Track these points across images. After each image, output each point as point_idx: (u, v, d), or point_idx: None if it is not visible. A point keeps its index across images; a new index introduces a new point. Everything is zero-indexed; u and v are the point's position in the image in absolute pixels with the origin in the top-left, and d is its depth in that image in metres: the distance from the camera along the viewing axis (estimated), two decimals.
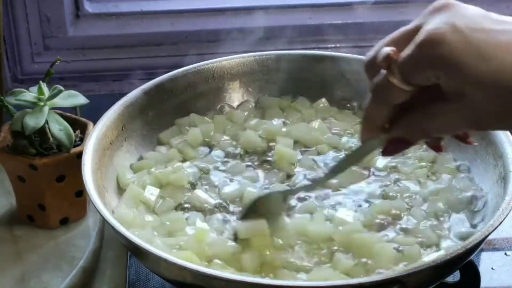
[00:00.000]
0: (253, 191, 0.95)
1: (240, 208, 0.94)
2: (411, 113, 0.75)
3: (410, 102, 0.74)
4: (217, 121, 1.08)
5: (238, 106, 1.12)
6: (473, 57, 0.68)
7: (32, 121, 0.97)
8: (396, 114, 0.76)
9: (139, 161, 1.02)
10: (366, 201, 0.95)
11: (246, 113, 1.11)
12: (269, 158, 1.02)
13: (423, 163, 1.01)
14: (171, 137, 1.06)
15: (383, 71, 0.73)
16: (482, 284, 0.94)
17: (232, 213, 0.94)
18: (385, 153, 0.80)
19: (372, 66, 0.75)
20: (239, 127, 1.08)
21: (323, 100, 1.12)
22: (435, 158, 1.02)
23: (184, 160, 1.02)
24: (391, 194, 0.96)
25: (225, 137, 1.06)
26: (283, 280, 0.84)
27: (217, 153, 1.04)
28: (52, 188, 1.01)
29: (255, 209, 0.91)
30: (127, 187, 0.96)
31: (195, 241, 0.87)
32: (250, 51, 1.15)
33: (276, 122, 1.07)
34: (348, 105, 1.12)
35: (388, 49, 0.73)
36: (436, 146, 0.82)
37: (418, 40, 0.71)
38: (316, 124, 1.07)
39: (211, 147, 1.05)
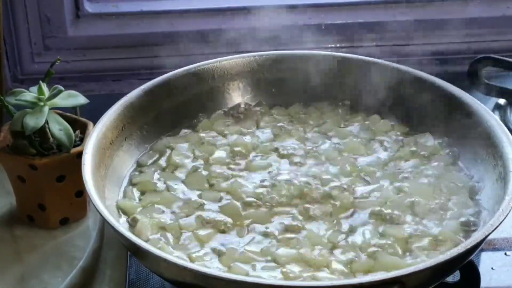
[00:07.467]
0: None
1: None
2: None
3: None
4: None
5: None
6: None
7: (32, 121, 0.97)
8: None
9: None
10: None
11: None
12: None
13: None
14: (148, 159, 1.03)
15: None
16: (482, 284, 0.94)
17: None
18: None
19: None
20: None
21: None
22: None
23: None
24: None
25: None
26: (282, 280, 0.84)
27: None
28: (52, 188, 1.00)
29: None
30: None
31: None
32: (250, 51, 1.15)
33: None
34: (340, 103, 1.12)
35: None
36: None
37: None
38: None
39: None
